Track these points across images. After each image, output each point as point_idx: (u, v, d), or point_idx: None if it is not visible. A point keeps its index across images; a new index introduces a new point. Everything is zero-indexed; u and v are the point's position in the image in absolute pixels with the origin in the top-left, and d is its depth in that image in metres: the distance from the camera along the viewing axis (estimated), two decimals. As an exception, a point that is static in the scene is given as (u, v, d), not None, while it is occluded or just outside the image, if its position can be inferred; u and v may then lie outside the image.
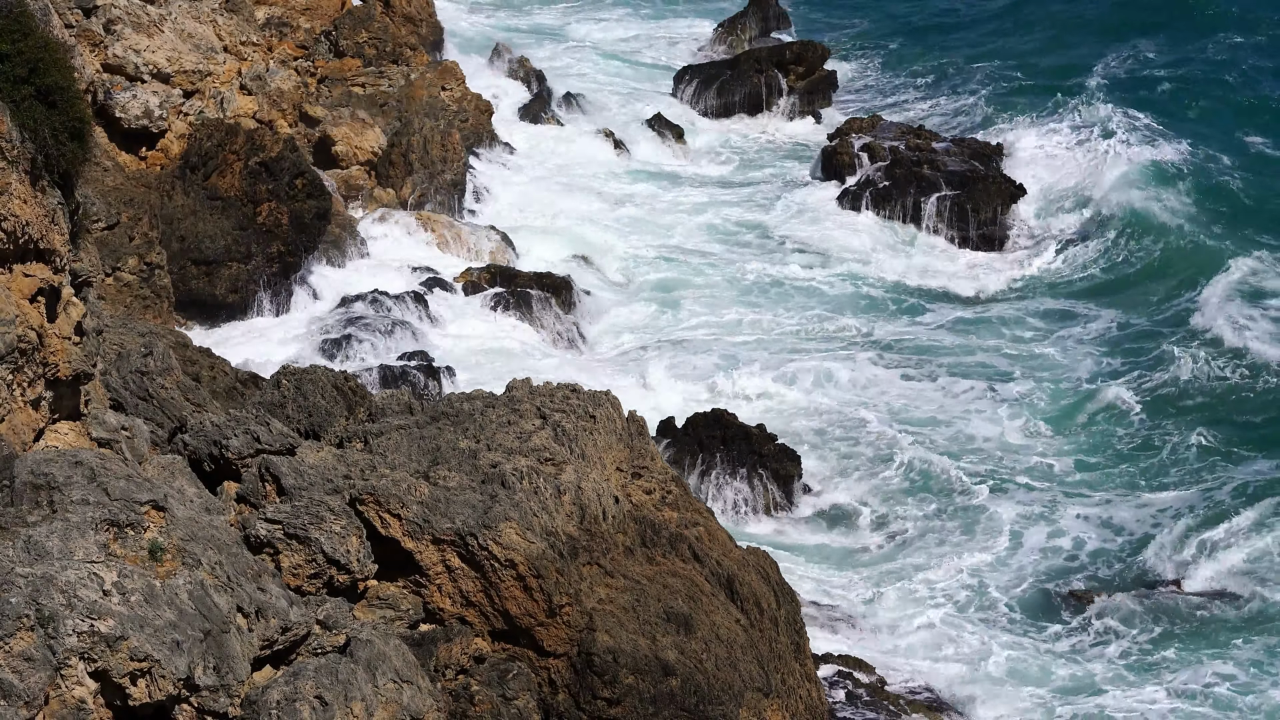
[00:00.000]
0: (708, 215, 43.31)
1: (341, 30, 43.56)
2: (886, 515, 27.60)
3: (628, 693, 14.84)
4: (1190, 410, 31.28)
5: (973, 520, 27.37)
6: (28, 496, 11.68)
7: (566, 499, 15.72)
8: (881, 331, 36.05)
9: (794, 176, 46.69)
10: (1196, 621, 24.19)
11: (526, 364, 31.62)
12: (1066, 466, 29.37)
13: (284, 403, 17.64)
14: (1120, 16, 61.11)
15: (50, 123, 13.01)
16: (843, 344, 35.23)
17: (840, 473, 28.93)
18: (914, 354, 34.64)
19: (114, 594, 11.15)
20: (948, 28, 64.09)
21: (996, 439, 30.46)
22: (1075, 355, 34.41)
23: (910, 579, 25.47)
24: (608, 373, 32.53)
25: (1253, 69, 54.19)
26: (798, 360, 34.11)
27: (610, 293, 37.64)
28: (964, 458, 29.71)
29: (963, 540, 26.74)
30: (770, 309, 37.14)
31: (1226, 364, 32.94)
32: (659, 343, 34.83)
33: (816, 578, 25.49)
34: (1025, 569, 25.89)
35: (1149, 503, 27.81)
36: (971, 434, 30.65)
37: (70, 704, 10.75)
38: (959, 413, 31.52)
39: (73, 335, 13.56)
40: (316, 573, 14.23)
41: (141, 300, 29.76)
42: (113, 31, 35.33)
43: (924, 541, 26.73)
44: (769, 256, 40.48)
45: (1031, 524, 27.23)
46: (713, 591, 16.49)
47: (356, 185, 38.09)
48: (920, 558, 26.19)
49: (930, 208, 42.91)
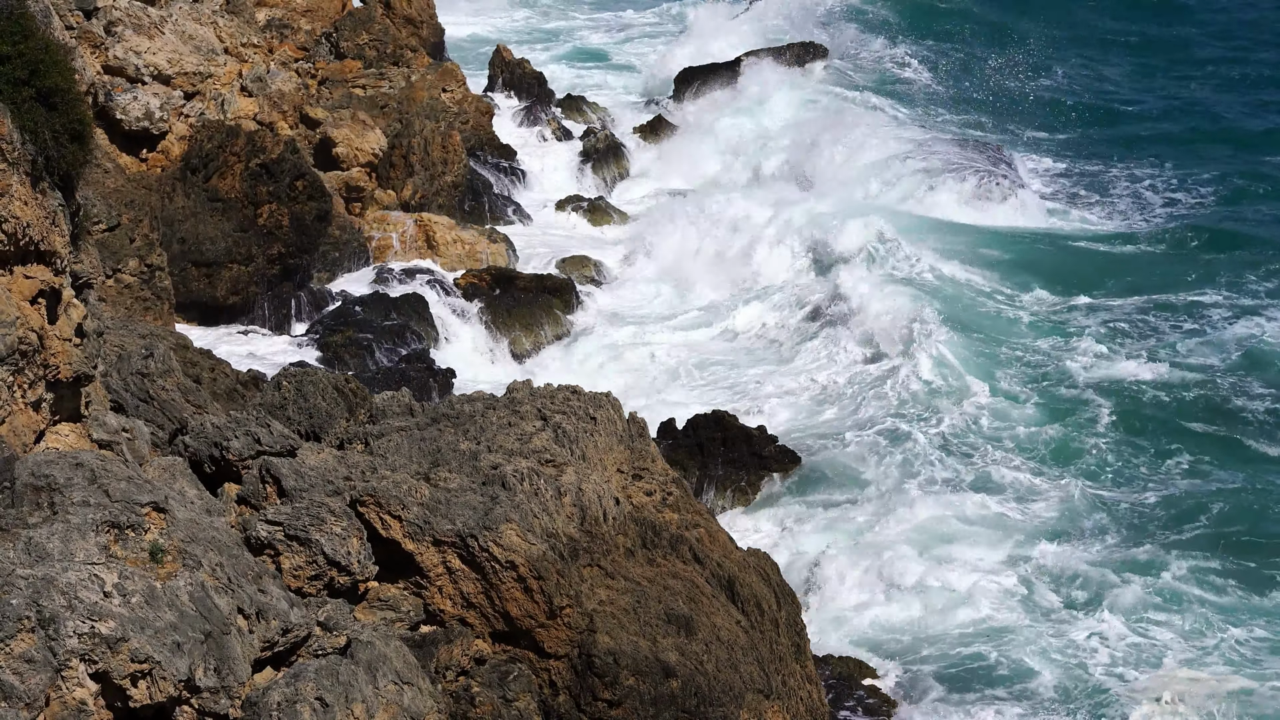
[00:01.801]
0: (702, 214, 43.29)
1: (342, 32, 43.58)
2: (887, 515, 27.55)
3: (628, 694, 14.85)
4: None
5: (975, 518, 27.30)
6: (28, 498, 11.68)
7: (567, 501, 15.73)
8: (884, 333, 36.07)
9: (793, 176, 46.72)
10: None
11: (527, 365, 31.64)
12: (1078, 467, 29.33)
13: (284, 404, 17.64)
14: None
15: (51, 125, 13.01)
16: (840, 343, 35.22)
17: (840, 473, 28.89)
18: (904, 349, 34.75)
19: (115, 595, 11.15)
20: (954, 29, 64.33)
21: (998, 436, 30.41)
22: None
23: (911, 579, 25.40)
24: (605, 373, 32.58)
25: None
26: (798, 361, 34.15)
27: (610, 293, 37.65)
28: (964, 458, 29.67)
29: (963, 541, 26.68)
30: (771, 309, 37.16)
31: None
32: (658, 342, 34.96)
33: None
34: (1028, 566, 25.83)
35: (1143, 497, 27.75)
36: (972, 433, 30.60)
37: (71, 705, 10.76)
38: (960, 413, 31.47)
39: (73, 337, 13.57)
40: (317, 574, 14.24)
41: (142, 302, 29.75)
42: (113, 33, 35.35)
43: (925, 542, 26.68)
44: (769, 254, 40.48)
45: (1039, 515, 27.15)
46: (713, 593, 16.50)
47: (357, 187, 38.11)
48: (921, 558, 26.13)
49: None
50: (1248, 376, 32.18)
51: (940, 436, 29.54)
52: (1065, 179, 47.60)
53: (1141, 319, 35.47)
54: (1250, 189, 45.83)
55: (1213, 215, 43.55)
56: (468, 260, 37.25)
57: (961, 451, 29.18)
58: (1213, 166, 47.99)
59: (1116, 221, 43.58)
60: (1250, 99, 56.96)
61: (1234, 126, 52.87)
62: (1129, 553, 25.40)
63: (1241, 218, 43.35)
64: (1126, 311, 36.00)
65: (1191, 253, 39.90)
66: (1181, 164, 48.45)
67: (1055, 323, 35.35)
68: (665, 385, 32.99)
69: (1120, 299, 36.75)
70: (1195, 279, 37.61)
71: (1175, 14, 70.67)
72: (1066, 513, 26.83)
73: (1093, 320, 35.32)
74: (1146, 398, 31.22)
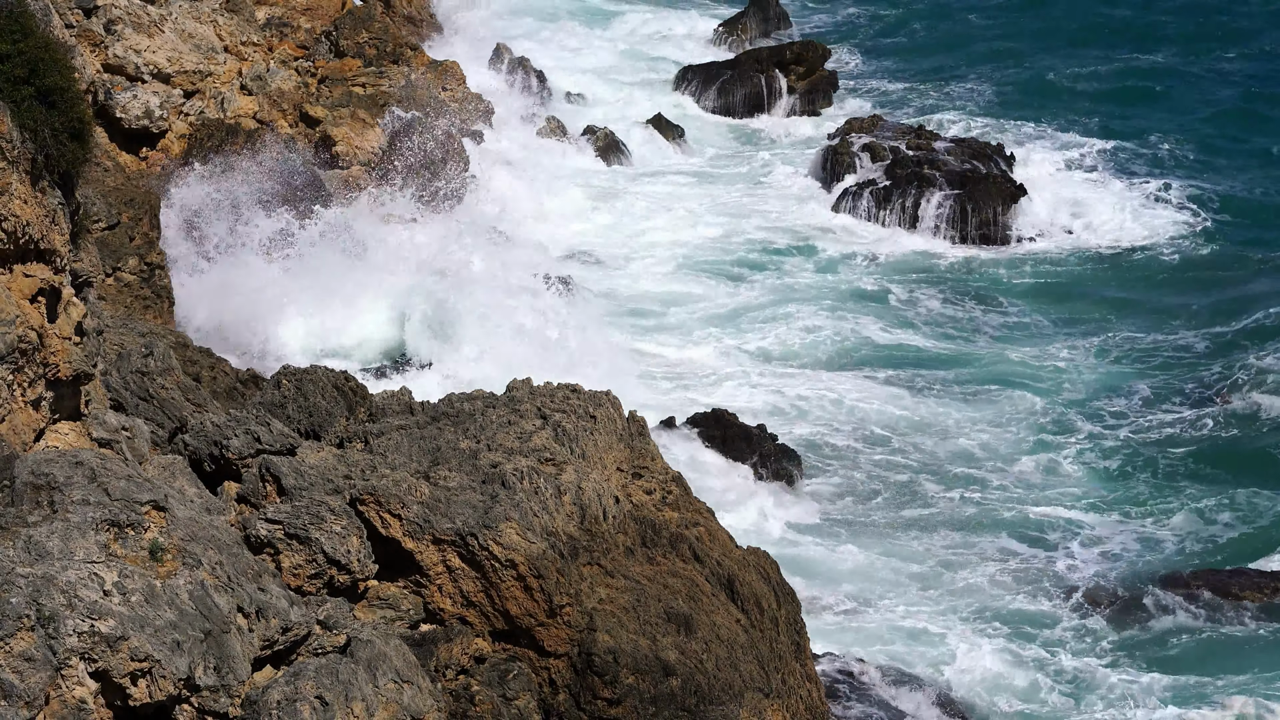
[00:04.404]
0: (707, 216, 43.31)
1: (342, 30, 43.57)
2: (887, 515, 27.59)
3: (628, 693, 14.85)
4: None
5: (976, 521, 27.35)
6: (28, 497, 11.68)
7: (567, 499, 15.73)
8: (882, 331, 36.07)
9: (794, 177, 46.69)
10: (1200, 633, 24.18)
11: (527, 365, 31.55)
12: (1076, 472, 29.30)
13: (284, 403, 17.64)
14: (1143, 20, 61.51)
15: (51, 123, 13.00)
16: (840, 345, 35.25)
17: (840, 473, 28.92)
18: (913, 358, 34.72)
19: (114, 594, 11.15)
20: (950, 29, 64.17)
21: (1000, 442, 30.44)
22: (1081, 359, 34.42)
23: (911, 579, 25.45)
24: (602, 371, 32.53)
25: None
26: (796, 360, 34.16)
27: (609, 295, 37.65)
28: (965, 458, 29.70)
29: (965, 541, 26.72)
30: (769, 310, 37.15)
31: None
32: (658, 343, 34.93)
33: (817, 578, 25.48)
34: (1030, 569, 25.86)
35: (1156, 512, 27.71)
36: (973, 436, 30.63)
37: (71, 704, 10.75)
38: (961, 413, 31.51)
39: (73, 335, 13.56)
40: (317, 573, 14.24)
41: (142, 301, 29.75)
42: (113, 32, 35.34)
43: (925, 541, 26.71)
44: (769, 257, 40.50)
45: (1036, 526, 27.18)
46: (713, 592, 16.49)
47: (357, 185, 38.11)
48: (922, 557, 26.18)
49: (930, 207, 42.92)
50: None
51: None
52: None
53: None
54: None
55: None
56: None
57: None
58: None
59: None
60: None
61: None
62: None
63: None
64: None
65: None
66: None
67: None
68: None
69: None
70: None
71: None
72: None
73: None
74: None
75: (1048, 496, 28.28)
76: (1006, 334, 36.09)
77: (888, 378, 33.25)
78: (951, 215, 42.64)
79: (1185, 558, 26.13)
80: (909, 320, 36.89)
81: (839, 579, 25.31)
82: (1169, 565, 25.82)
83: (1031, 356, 34.37)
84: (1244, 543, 26.61)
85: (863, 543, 26.62)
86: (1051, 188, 44.87)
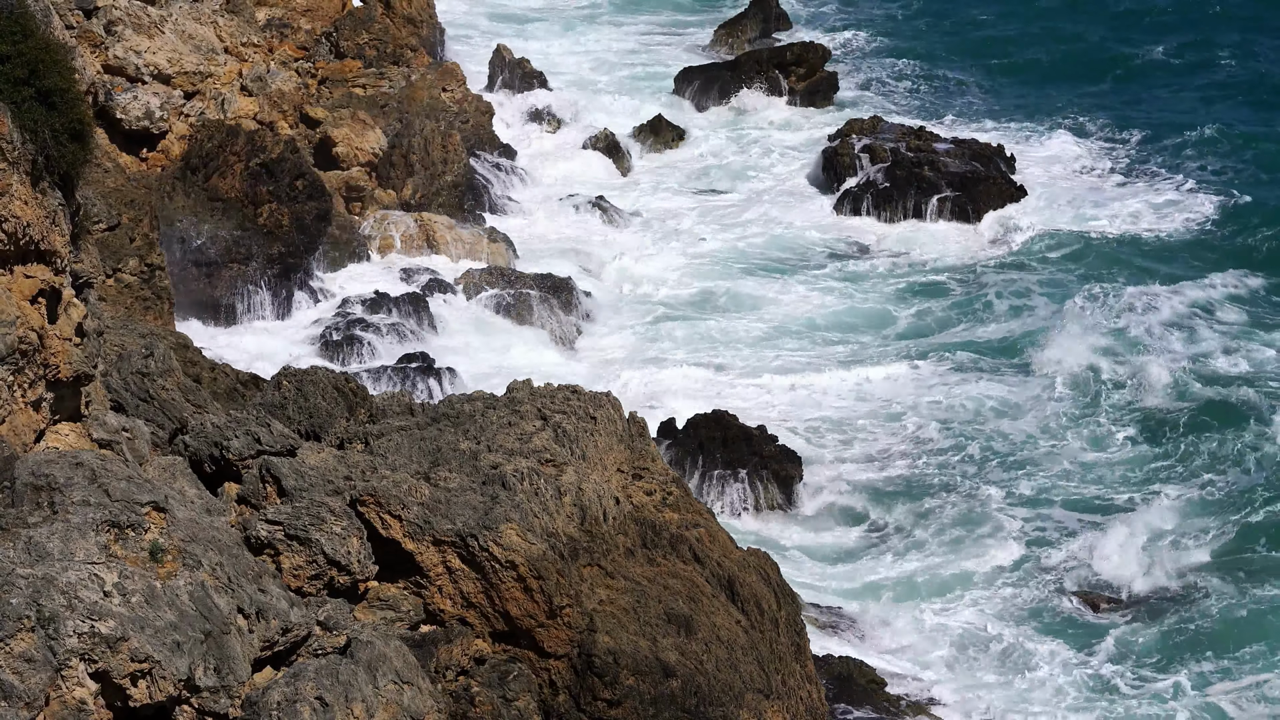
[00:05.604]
0: (706, 215, 43.29)
1: (342, 32, 43.58)
2: (888, 517, 27.57)
3: (628, 694, 14.85)
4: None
5: (977, 521, 27.31)
6: (28, 497, 11.68)
7: (567, 500, 15.73)
8: (882, 331, 36.08)
9: (794, 178, 46.68)
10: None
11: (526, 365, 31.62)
12: (1076, 465, 29.29)
13: (284, 404, 17.64)
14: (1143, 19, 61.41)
15: (51, 124, 13.00)
16: (840, 345, 35.25)
17: (841, 474, 28.90)
18: (917, 347, 34.73)
19: (114, 595, 11.15)
20: (950, 30, 64.19)
21: (1002, 439, 30.42)
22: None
23: (911, 580, 25.43)
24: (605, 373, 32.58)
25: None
26: (796, 360, 34.15)
27: (607, 295, 37.67)
28: (967, 459, 29.68)
29: (965, 541, 26.70)
30: (769, 310, 37.16)
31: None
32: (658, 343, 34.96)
33: (817, 578, 25.47)
34: (1031, 570, 25.84)
35: (1166, 504, 27.67)
36: (975, 435, 30.62)
37: (71, 705, 10.76)
38: (962, 415, 31.50)
39: (73, 336, 13.56)
40: (317, 574, 14.24)
41: (142, 302, 29.76)
42: (113, 33, 35.36)
43: (926, 543, 26.69)
44: (769, 259, 40.50)
45: (1039, 526, 27.15)
46: (713, 593, 16.49)
47: (357, 186, 38.12)
48: (922, 559, 26.16)
49: (931, 209, 42.94)
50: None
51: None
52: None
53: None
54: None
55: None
56: (468, 259, 37.26)
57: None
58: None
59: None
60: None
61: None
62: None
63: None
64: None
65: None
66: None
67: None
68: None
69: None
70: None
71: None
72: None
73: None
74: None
75: (1066, 487, 28.32)
76: (1007, 333, 36.07)
77: (888, 377, 33.25)
78: (952, 216, 42.66)
79: (1221, 543, 26.08)
80: (909, 320, 36.89)
81: (840, 579, 25.31)
82: (1204, 550, 25.82)
83: (1033, 356, 34.33)
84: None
85: (863, 543, 26.63)
86: (1052, 188, 44.83)
